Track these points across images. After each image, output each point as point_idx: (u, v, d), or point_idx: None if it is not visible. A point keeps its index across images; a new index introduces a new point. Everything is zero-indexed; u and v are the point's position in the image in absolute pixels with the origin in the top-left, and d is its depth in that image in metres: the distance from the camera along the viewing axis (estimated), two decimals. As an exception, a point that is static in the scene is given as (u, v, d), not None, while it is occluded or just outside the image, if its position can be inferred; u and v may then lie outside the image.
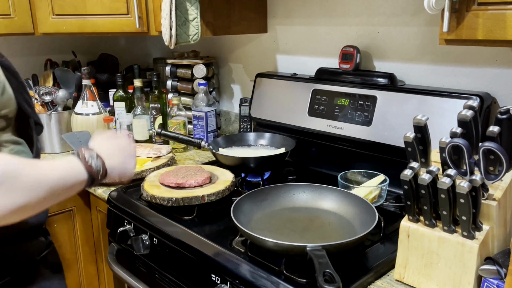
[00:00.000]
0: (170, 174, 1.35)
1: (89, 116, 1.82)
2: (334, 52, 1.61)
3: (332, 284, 0.80)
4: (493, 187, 0.87)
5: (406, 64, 1.44)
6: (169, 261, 1.17)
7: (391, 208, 1.27)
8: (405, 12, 1.40)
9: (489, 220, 0.85)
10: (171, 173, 1.36)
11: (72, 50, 2.28)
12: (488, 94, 1.24)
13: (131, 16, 1.69)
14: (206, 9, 1.57)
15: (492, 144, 0.80)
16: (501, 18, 0.88)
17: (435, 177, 0.85)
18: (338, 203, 1.18)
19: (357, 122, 1.44)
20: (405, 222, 0.92)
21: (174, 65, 2.05)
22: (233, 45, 2.02)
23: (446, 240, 0.86)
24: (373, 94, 1.42)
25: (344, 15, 1.56)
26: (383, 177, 1.30)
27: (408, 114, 1.32)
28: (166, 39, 1.49)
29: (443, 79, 1.36)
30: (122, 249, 1.34)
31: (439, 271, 0.88)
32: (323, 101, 1.55)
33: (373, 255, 1.03)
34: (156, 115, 1.94)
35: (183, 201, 1.23)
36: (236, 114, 2.04)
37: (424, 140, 0.92)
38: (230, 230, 1.13)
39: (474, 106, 0.87)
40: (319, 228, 1.10)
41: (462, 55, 1.31)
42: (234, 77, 2.06)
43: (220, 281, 1.01)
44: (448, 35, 0.96)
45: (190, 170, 1.38)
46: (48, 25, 1.74)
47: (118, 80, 1.98)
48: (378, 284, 0.94)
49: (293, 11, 1.72)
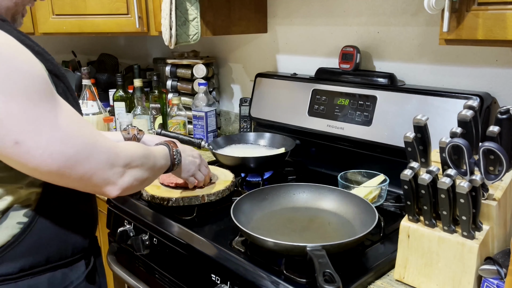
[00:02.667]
0: (170, 174, 1.35)
1: (89, 116, 1.83)
2: (334, 52, 1.61)
3: (332, 284, 0.80)
4: (493, 187, 0.87)
5: (406, 64, 1.44)
6: (169, 261, 1.17)
7: (391, 208, 1.27)
8: (405, 12, 1.40)
9: (489, 220, 0.85)
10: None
11: (72, 50, 2.29)
12: (488, 94, 1.24)
13: (131, 16, 1.69)
14: (206, 9, 1.57)
15: (492, 144, 0.80)
16: (501, 18, 0.88)
17: (435, 177, 0.85)
18: (338, 203, 1.18)
19: (357, 122, 1.44)
20: (405, 222, 0.92)
21: (174, 65, 2.05)
22: (233, 45, 2.02)
23: (446, 240, 0.86)
24: (373, 94, 1.42)
25: (344, 15, 1.56)
26: (383, 177, 1.30)
27: (408, 114, 1.32)
28: (166, 39, 1.49)
29: (443, 79, 1.36)
30: (122, 249, 1.34)
31: (439, 271, 0.88)
32: (323, 101, 1.55)
33: (373, 255, 1.03)
34: (156, 115, 1.94)
35: (183, 201, 1.23)
36: (236, 114, 2.05)
37: (424, 140, 0.92)
38: (230, 230, 1.13)
39: (474, 106, 0.87)
40: (319, 228, 1.10)
41: (462, 55, 1.31)
42: (234, 77, 2.06)
43: (220, 281, 1.01)
44: (448, 35, 0.96)
45: None
46: (48, 25, 1.74)
47: (118, 80, 1.98)
48: (378, 284, 0.94)
49: (293, 11, 1.72)
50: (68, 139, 0.75)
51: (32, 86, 0.72)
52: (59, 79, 0.84)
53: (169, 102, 1.96)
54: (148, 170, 0.94)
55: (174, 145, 1.12)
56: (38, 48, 0.81)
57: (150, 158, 0.96)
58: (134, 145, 0.93)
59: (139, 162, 0.90)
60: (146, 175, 0.93)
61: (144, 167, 0.92)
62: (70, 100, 0.85)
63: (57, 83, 0.83)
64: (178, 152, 1.11)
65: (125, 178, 0.86)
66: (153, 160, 0.97)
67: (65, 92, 0.84)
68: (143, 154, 0.93)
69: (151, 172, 0.96)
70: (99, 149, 0.80)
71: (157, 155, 1.01)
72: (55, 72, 0.82)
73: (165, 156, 1.06)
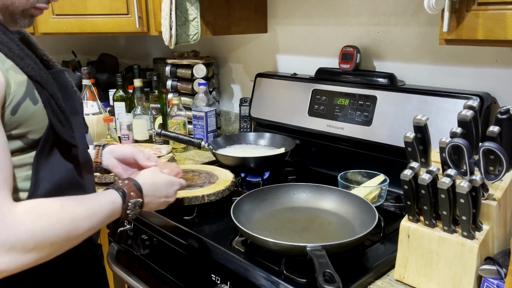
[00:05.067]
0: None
1: (89, 116, 1.82)
2: (334, 52, 1.61)
3: (332, 284, 0.80)
4: (493, 187, 0.87)
5: (406, 64, 1.44)
6: (169, 261, 1.17)
7: (391, 208, 1.27)
8: (405, 12, 1.40)
9: (489, 220, 0.85)
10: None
11: (72, 50, 2.28)
12: (488, 94, 1.24)
13: (131, 16, 1.69)
14: (206, 9, 1.57)
15: (492, 144, 0.80)
16: (501, 18, 0.88)
17: (435, 177, 0.85)
18: (338, 203, 1.18)
19: (357, 122, 1.44)
20: (405, 222, 0.92)
21: (174, 65, 2.05)
22: (233, 45, 2.02)
23: (446, 240, 0.86)
24: (373, 94, 1.41)
25: (344, 15, 1.56)
26: (383, 177, 1.30)
27: (408, 114, 1.32)
28: (166, 39, 1.49)
29: (443, 79, 1.36)
30: (122, 249, 1.34)
31: (439, 271, 0.88)
32: (323, 101, 1.55)
33: (373, 255, 1.03)
34: (156, 115, 1.94)
35: (183, 201, 1.23)
36: (236, 114, 2.04)
37: (424, 140, 0.92)
38: (230, 230, 1.13)
39: (474, 106, 0.87)
40: (319, 228, 1.10)
41: (462, 55, 1.31)
42: (234, 77, 2.06)
43: (220, 281, 1.01)
44: (448, 35, 0.96)
45: None
46: (48, 25, 1.74)
47: (118, 80, 1.98)
48: (378, 284, 0.94)
49: (293, 11, 1.71)
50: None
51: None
52: (42, 86, 0.77)
53: (169, 102, 1.96)
54: (52, 249, 0.75)
55: (136, 192, 0.91)
56: (19, 51, 0.75)
57: (65, 231, 0.75)
58: (38, 211, 0.73)
59: (33, 242, 0.70)
60: (43, 255, 0.73)
61: (44, 249, 0.73)
62: (55, 109, 0.79)
63: (41, 91, 0.76)
64: (137, 204, 0.91)
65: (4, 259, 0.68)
66: (69, 232, 0.76)
67: (48, 99, 0.78)
68: (48, 229, 0.73)
69: (58, 248, 0.76)
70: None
71: (85, 220, 0.79)
72: (36, 78, 0.76)
73: (107, 214, 0.85)
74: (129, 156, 1.12)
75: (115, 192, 0.88)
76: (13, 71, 0.74)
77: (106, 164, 1.12)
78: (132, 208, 0.90)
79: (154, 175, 0.99)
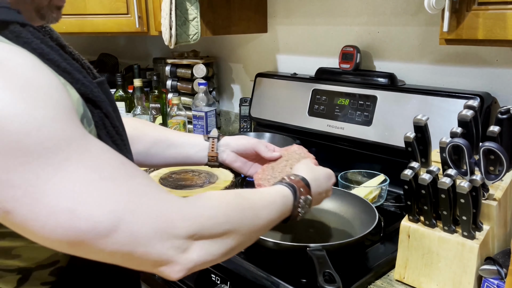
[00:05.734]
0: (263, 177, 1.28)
1: (89, 116, 1.82)
2: (334, 52, 1.61)
3: (332, 284, 0.80)
4: (493, 187, 0.87)
5: (406, 64, 1.44)
6: (169, 261, 1.17)
7: (391, 208, 1.27)
8: (405, 12, 1.40)
9: (490, 220, 0.85)
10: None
11: (72, 50, 2.28)
12: (488, 94, 1.24)
13: (131, 16, 1.68)
14: (206, 9, 1.57)
15: (493, 144, 0.80)
16: (501, 18, 0.88)
17: (435, 177, 0.85)
18: (338, 203, 1.17)
19: (357, 122, 1.44)
20: (405, 222, 0.92)
21: (174, 65, 2.05)
22: (233, 45, 2.02)
23: (446, 240, 0.86)
24: (373, 94, 1.41)
25: (344, 15, 1.56)
26: (383, 177, 1.30)
27: (408, 114, 1.32)
28: (166, 39, 1.48)
29: (443, 79, 1.36)
30: (122, 249, 1.34)
31: (439, 271, 0.87)
32: (323, 101, 1.54)
33: (373, 255, 1.03)
34: (156, 115, 1.94)
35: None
36: (236, 114, 2.04)
37: (424, 140, 0.92)
38: (230, 230, 1.13)
39: (474, 106, 0.87)
40: (319, 228, 1.10)
41: (462, 55, 1.31)
42: (234, 77, 2.06)
43: (220, 281, 1.01)
44: (448, 35, 0.96)
45: None
46: (48, 25, 1.74)
47: (118, 80, 1.98)
48: (378, 284, 0.94)
49: (293, 11, 1.71)
50: (82, 207, 0.50)
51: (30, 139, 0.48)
52: (95, 105, 0.62)
53: (169, 102, 1.96)
54: (238, 237, 0.65)
55: (305, 188, 0.80)
56: (64, 65, 0.59)
57: (247, 217, 0.67)
58: (215, 198, 0.65)
59: (219, 228, 0.61)
60: (232, 244, 0.64)
61: (230, 235, 0.63)
62: (110, 130, 0.65)
63: (93, 111, 0.62)
64: (307, 202, 0.79)
65: (191, 255, 0.58)
66: (251, 220, 0.68)
67: (102, 120, 0.63)
68: (230, 214, 0.64)
69: (244, 238, 0.66)
70: (141, 215, 0.54)
71: (263, 209, 0.71)
72: (88, 95, 0.61)
73: (280, 208, 0.74)
74: (250, 148, 1.01)
75: (284, 187, 0.78)
76: (69, 86, 0.59)
77: (223, 158, 1.01)
78: (303, 205, 0.78)
79: (313, 169, 0.88)
